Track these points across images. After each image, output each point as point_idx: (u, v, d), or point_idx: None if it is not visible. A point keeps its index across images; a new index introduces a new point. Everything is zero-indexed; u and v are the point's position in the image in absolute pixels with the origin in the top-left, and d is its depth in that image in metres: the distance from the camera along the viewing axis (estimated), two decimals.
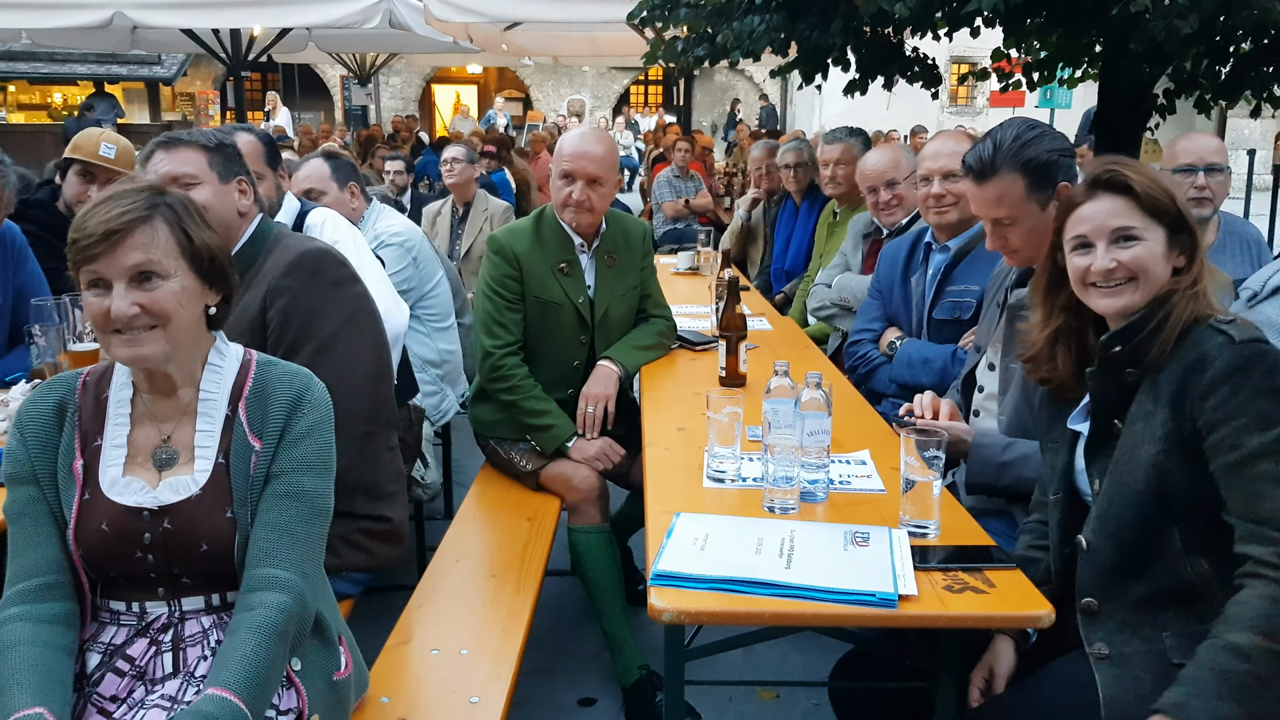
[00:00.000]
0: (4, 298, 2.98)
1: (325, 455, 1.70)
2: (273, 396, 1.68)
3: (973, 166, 2.34)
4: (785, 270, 5.47)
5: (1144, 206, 1.78)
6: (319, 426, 1.69)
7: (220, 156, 2.31)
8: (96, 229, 1.56)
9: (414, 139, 13.60)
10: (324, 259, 2.34)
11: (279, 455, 1.66)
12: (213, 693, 1.47)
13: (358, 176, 3.88)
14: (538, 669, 3.11)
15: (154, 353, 1.61)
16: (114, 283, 1.58)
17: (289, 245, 2.35)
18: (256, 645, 1.52)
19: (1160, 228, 1.79)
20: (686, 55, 5.66)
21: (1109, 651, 1.73)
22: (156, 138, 2.35)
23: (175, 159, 2.26)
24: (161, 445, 1.67)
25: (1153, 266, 1.78)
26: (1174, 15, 3.86)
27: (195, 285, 1.65)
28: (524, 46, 12.91)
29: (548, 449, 3.04)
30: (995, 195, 2.32)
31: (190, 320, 1.65)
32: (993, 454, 2.24)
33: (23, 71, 20.21)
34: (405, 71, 25.99)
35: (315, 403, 1.70)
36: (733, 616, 1.71)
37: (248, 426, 1.66)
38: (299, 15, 8.78)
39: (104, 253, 1.57)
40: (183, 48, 12.97)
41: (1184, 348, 1.71)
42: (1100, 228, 1.81)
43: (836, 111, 19.29)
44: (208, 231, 1.68)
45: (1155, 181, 1.80)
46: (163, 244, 1.60)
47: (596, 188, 3.09)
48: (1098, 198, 1.82)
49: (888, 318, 3.31)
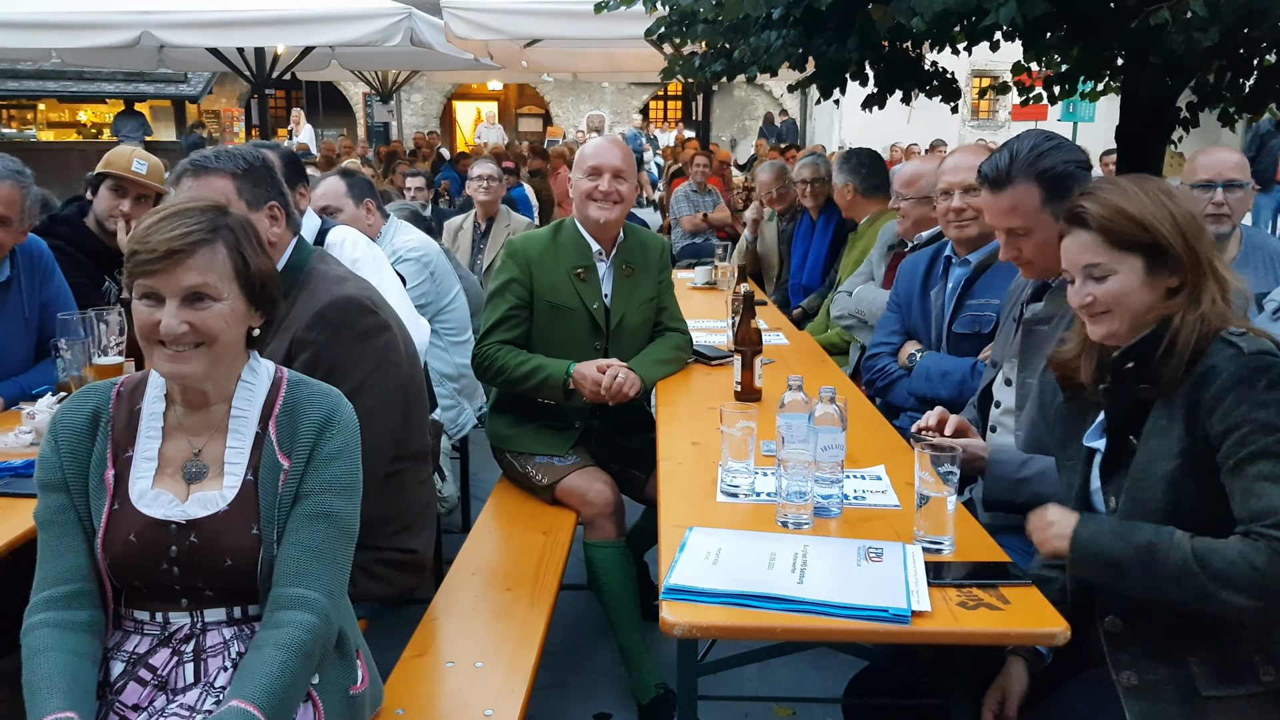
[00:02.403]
0: (31, 312, 3.03)
1: (353, 477, 1.72)
2: (303, 416, 1.70)
3: (988, 176, 2.34)
4: (802, 285, 5.47)
5: (1108, 240, 1.77)
6: (348, 448, 1.71)
7: (249, 182, 2.24)
8: (159, 245, 1.58)
9: (435, 155, 13.70)
10: (350, 309, 2.24)
11: (308, 475, 1.67)
12: (235, 704, 1.49)
13: (374, 193, 3.92)
14: (552, 683, 3.10)
15: (196, 370, 1.64)
16: (167, 299, 1.60)
17: (317, 290, 2.26)
18: (283, 663, 1.54)
19: (1133, 257, 1.76)
20: (704, 70, 5.67)
21: (1138, 682, 1.72)
22: (184, 161, 2.28)
23: (203, 186, 2.20)
24: (192, 459, 1.68)
25: (1126, 298, 1.76)
26: (1194, 28, 3.83)
27: (244, 308, 1.67)
28: (543, 63, 13.00)
29: (556, 395, 3.04)
30: (1009, 205, 2.31)
31: (234, 341, 1.68)
32: (1009, 470, 2.23)
33: (52, 90, 20.51)
34: (426, 88, 26.19)
35: (345, 424, 1.72)
36: (744, 631, 1.70)
37: (277, 444, 1.68)
38: (322, 34, 8.90)
39: (163, 270, 1.59)
40: (208, 66, 13.18)
41: (1199, 363, 1.70)
42: (1073, 263, 1.82)
43: (856, 126, 19.29)
44: (263, 256, 1.71)
45: (1120, 212, 1.75)
46: (220, 267, 1.63)
47: (621, 181, 3.16)
48: (1071, 232, 1.82)
49: (906, 331, 3.30)
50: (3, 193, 2.82)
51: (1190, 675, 1.68)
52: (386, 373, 2.30)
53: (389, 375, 2.31)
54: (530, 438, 3.15)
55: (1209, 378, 1.67)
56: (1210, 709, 1.67)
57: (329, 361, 2.19)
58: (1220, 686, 1.67)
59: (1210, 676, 1.67)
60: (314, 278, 2.31)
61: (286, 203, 2.33)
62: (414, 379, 2.45)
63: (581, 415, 3.14)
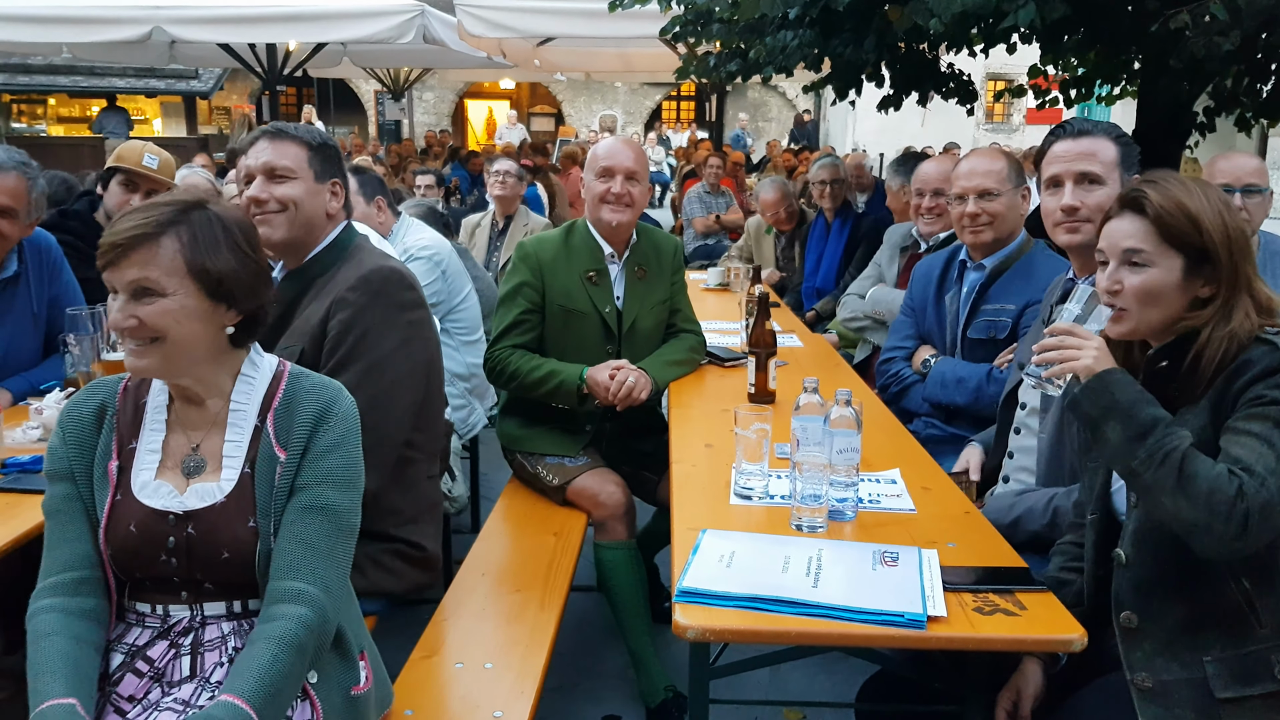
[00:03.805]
0: (39, 307, 3.02)
1: (352, 470, 1.69)
2: (300, 408, 1.69)
3: (1067, 128, 2.39)
4: (816, 288, 5.45)
5: (1159, 232, 1.73)
6: (345, 441, 1.69)
7: (320, 156, 2.36)
8: (107, 239, 1.59)
9: (446, 153, 13.70)
10: (392, 279, 2.33)
11: (304, 468, 1.66)
12: (226, 699, 1.48)
13: (385, 191, 3.92)
14: (561, 685, 3.09)
15: (151, 365, 1.62)
16: (119, 293, 1.61)
17: (363, 260, 2.36)
18: (274, 657, 1.53)
19: (1177, 256, 1.73)
20: (719, 70, 5.66)
21: (1151, 684, 1.69)
22: (265, 125, 2.42)
23: (277, 150, 2.31)
24: (190, 454, 1.69)
25: (1154, 295, 1.73)
26: (1215, 32, 3.80)
27: (201, 305, 1.62)
28: (556, 62, 13.01)
29: (570, 401, 3.02)
30: (1089, 148, 2.35)
31: (192, 338, 1.62)
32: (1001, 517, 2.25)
33: (63, 85, 20.59)
34: (438, 87, 26.21)
35: (342, 416, 1.70)
36: (758, 635, 1.68)
37: (274, 437, 1.67)
38: (334, 31, 8.91)
39: (110, 263, 1.60)
40: (220, 62, 13.21)
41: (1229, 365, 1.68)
42: (1114, 246, 1.78)
43: (871, 128, 19.27)
44: (231, 253, 1.65)
45: (1181, 207, 1.72)
46: (165, 263, 1.59)
47: (634, 183, 3.14)
48: (1122, 215, 1.79)
49: (920, 336, 3.28)
50: (8, 184, 2.80)
51: (1205, 676, 1.66)
52: (416, 348, 2.36)
53: (418, 351, 2.37)
54: (541, 438, 3.13)
55: (1242, 371, 1.65)
56: (1225, 713, 1.65)
57: (364, 325, 2.25)
58: (1236, 686, 1.65)
59: (1226, 676, 1.65)
60: (360, 251, 2.40)
61: (346, 185, 2.44)
62: (437, 367, 2.49)
63: (593, 418, 3.12)
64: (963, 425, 2.96)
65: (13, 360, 2.92)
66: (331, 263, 2.36)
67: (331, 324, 2.26)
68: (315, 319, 2.27)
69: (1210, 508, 1.55)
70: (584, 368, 3.02)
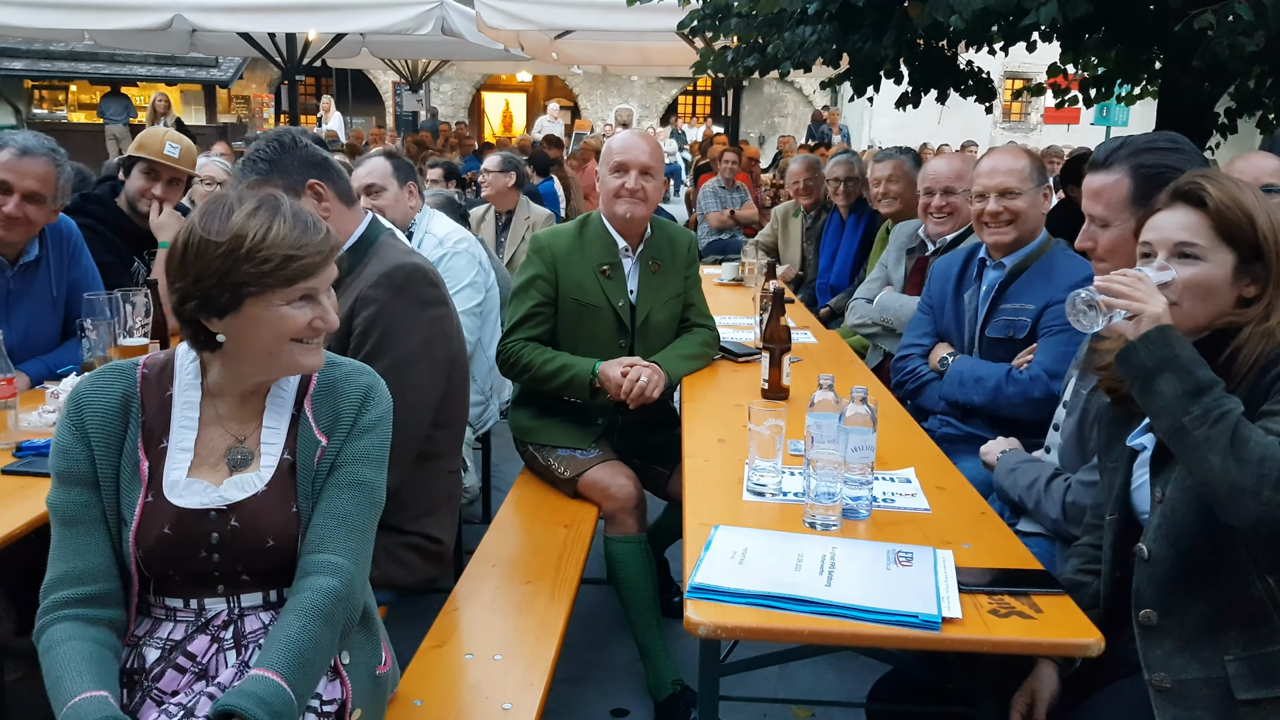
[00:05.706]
0: (59, 291, 3.03)
1: (384, 449, 1.74)
2: (343, 393, 1.72)
3: (1097, 158, 2.32)
4: (830, 285, 5.42)
5: (1216, 226, 1.71)
6: (383, 421, 1.74)
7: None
8: (322, 246, 1.63)
9: (460, 145, 13.71)
10: (415, 276, 2.36)
11: (344, 447, 1.69)
12: (256, 673, 1.48)
13: (415, 177, 3.93)
14: (571, 677, 3.09)
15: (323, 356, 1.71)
16: (321, 295, 1.65)
17: (386, 256, 2.38)
18: (301, 627, 1.53)
19: (1230, 252, 1.71)
20: (736, 65, 5.65)
21: (1170, 684, 1.67)
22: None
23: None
24: (236, 446, 1.67)
25: (1206, 291, 1.71)
26: (1239, 32, 3.77)
27: None
28: (573, 55, 12.98)
29: (582, 394, 3.03)
30: (1098, 188, 2.26)
31: None
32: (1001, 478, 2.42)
33: (84, 72, 20.67)
34: (456, 79, 26.22)
35: (381, 397, 1.75)
36: (770, 633, 1.67)
37: (314, 422, 1.69)
38: (354, 21, 8.93)
39: (319, 269, 1.64)
40: (239, 51, 13.25)
41: None
42: (1164, 239, 1.75)
43: (887, 125, 19.19)
44: None
45: (1238, 202, 1.71)
46: None
47: (649, 178, 3.12)
48: (1174, 208, 1.76)
49: (938, 334, 3.25)
50: (38, 169, 2.81)
51: (1226, 676, 1.64)
52: (438, 345, 2.39)
53: (440, 348, 2.39)
54: (553, 430, 3.13)
55: (1275, 364, 1.63)
56: (1244, 716, 1.63)
57: (387, 321, 2.29)
58: (1257, 688, 1.62)
59: (1248, 677, 1.62)
60: (384, 247, 2.43)
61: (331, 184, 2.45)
62: (460, 362, 2.50)
63: (605, 411, 3.11)
64: (979, 424, 2.93)
65: (31, 344, 2.92)
66: (358, 259, 2.39)
67: (357, 320, 2.30)
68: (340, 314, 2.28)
69: (1261, 473, 1.51)
70: (597, 362, 3.01)
